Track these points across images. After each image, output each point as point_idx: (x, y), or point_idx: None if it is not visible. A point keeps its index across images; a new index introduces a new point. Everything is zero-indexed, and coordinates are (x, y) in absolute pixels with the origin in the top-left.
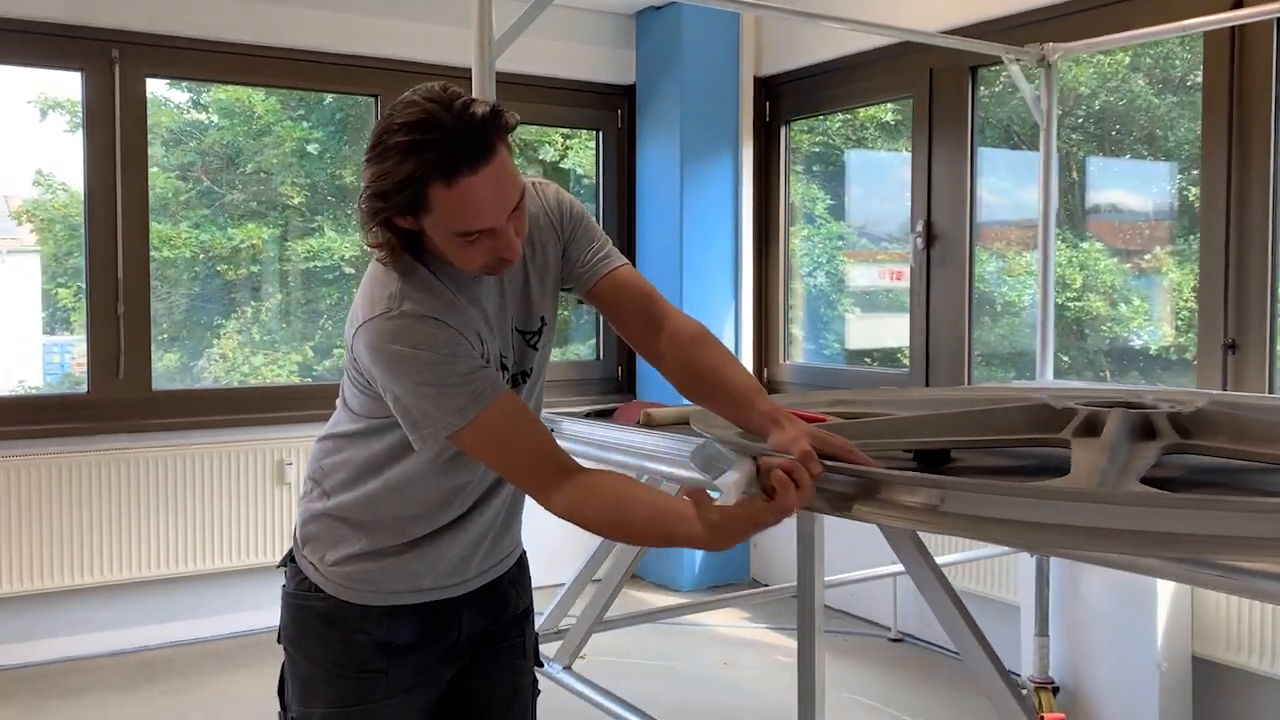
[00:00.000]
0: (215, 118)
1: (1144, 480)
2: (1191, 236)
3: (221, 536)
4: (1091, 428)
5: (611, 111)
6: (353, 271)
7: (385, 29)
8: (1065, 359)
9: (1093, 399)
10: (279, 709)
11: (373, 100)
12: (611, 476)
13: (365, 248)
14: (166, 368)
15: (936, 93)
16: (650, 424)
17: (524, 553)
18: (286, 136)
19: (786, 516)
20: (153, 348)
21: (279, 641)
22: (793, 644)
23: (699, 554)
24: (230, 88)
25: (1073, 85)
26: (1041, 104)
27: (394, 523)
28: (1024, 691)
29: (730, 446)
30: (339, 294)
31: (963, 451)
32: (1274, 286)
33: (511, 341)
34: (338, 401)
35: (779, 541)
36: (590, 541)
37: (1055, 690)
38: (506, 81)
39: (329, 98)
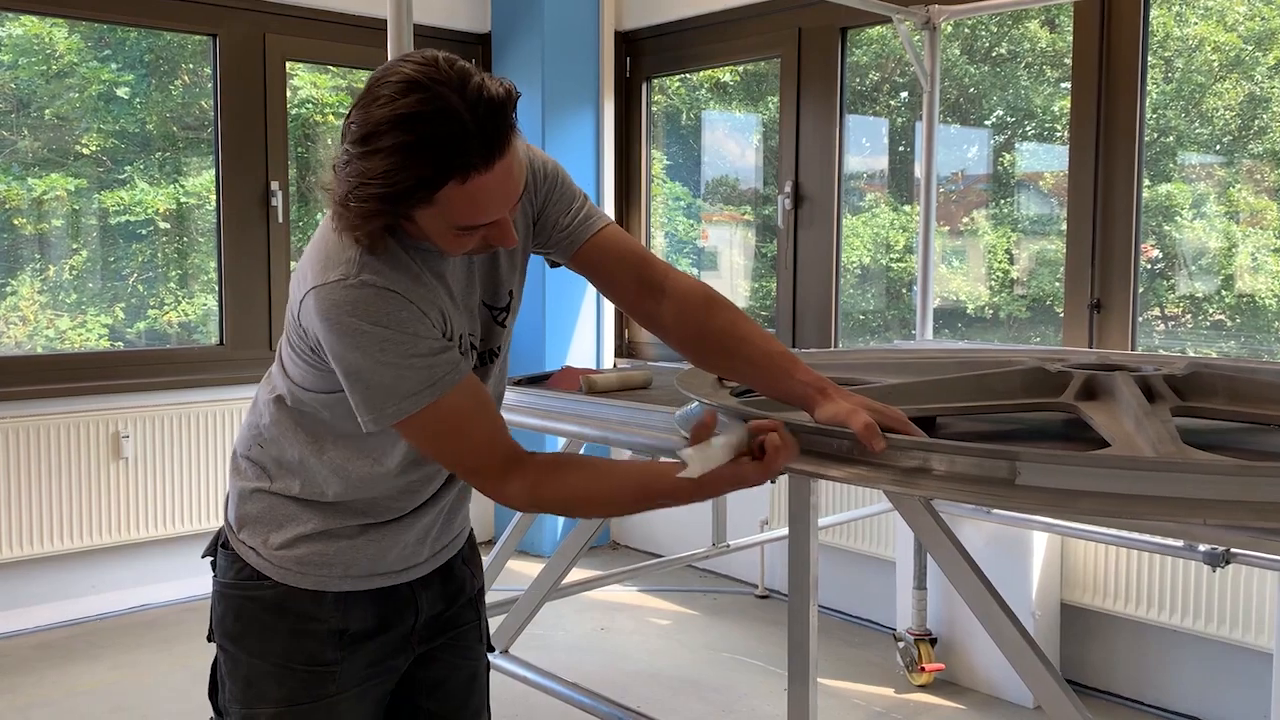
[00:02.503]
0: (4, 57)
1: None
2: (1003, 201)
3: (54, 517)
4: (1091, 391)
5: (466, 61)
6: (168, 226)
7: None
8: (877, 319)
9: (1075, 363)
10: (211, 715)
11: (210, 40)
12: (563, 455)
13: (321, 209)
14: None
15: (805, 53)
16: (594, 391)
17: (472, 530)
18: (93, 78)
19: (772, 478)
20: None
21: (210, 639)
22: (666, 606)
23: (560, 519)
24: (27, 20)
25: (900, 51)
26: (925, 65)
27: (356, 504)
28: (901, 644)
29: (724, 411)
30: (151, 250)
31: (947, 418)
32: (1136, 250)
33: (479, 318)
34: (273, 368)
35: None
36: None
37: (933, 642)
38: (351, 24)
39: (133, 35)
